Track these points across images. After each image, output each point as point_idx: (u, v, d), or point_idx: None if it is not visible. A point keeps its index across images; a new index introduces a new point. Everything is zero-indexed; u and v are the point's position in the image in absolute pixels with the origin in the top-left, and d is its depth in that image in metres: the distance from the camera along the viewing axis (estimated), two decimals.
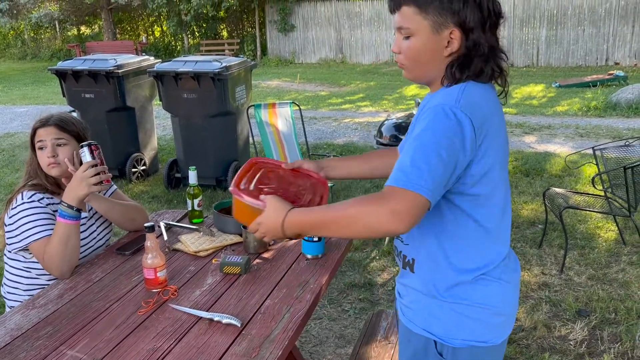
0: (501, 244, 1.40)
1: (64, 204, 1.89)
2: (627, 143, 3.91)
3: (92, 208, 2.14)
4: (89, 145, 1.93)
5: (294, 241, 2.14)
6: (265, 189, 1.54)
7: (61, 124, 2.02)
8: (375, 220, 1.17)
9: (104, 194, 2.20)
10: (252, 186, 1.52)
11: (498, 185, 1.34)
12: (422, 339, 1.41)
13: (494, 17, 1.28)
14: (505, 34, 15.33)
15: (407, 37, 1.31)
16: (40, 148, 2.01)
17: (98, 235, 2.14)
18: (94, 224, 2.14)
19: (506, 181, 1.39)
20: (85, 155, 1.92)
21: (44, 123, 2.02)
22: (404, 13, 1.30)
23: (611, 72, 11.75)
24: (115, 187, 2.28)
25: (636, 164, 3.40)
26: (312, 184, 1.66)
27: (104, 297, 1.77)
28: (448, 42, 1.28)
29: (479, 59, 1.28)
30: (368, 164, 1.71)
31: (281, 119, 5.01)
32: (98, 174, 1.90)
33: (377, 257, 3.88)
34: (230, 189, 1.47)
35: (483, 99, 1.28)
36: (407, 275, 1.46)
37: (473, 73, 1.29)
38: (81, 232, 2.05)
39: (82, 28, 22.84)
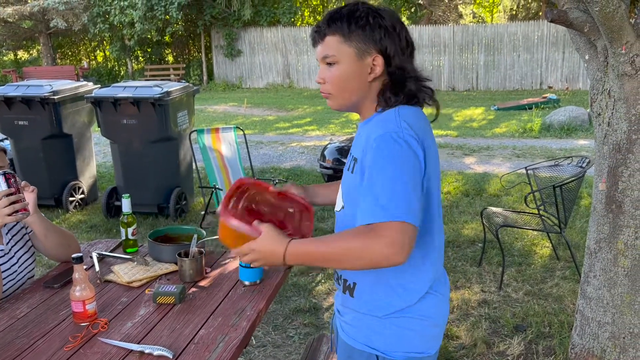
0: (439, 262, 1.47)
1: None
2: (556, 163, 4.11)
3: (9, 241, 2.03)
4: (4, 174, 1.85)
5: (233, 268, 2.12)
6: (255, 209, 1.51)
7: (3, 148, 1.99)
8: (378, 255, 1.21)
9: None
10: (239, 208, 1.50)
11: (436, 203, 1.40)
12: (364, 354, 1.43)
13: (410, 46, 1.36)
14: (446, 59, 15.93)
15: (331, 65, 1.36)
16: None
17: (19, 267, 2.04)
18: (13, 256, 2.03)
19: (440, 199, 1.44)
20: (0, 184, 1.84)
21: None
22: (329, 43, 1.35)
23: (545, 95, 12.38)
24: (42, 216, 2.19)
25: (565, 182, 3.58)
26: (298, 208, 1.66)
27: (28, 333, 1.69)
28: (371, 68, 1.34)
29: (409, 82, 1.35)
30: None
31: (225, 143, 4.98)
32: (13, 203, 1.82)
33: (323, 281, 3.88)
34: (218, 210, 1.45)
35: (417, 120, 1.35)
36: (347, 299, 1.48)
37: (406, 96, 1.35)
38: (1, 271, 1.94)
39: (20, 53, 22.12)
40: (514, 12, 21.28)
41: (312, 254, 1.31)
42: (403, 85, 1.35)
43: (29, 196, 1.97)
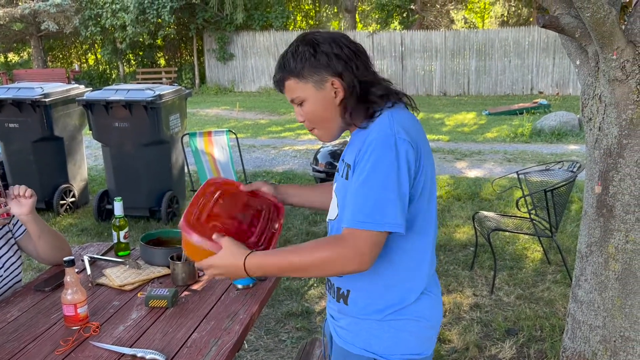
0: (433, 261, 1.48)
1: None
2: (547, 167, 4.14)
3: None
4: None
5: None
6: (219, 225, 1.51)
7: None
8: (342, 264, 1.29)
9: (17, 228, 2.08)
10: (203, 216, 1.49)
11: (433, 205, 1.41)
12: (363, 358, 1.44)
13: (356, 57, 1.37)
14: (438, 64, 16.01)
15: (302, 105, 1.41)
16: None
17: (5, 272, 2.00)
18: None
19: (435, 200, 1.45)
20: None
21: None
22: (289, 87, 1.40)
23: (536, 100, 12.47)
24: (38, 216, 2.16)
25: (556, 186, 3.60)
26: (268, 207, 1.66)
27: (18, 337, 1.67)
28: (335, 92, 1.38)
29: (373, 89, 1.37)
30: (323, 195, 1.73)
31: (217, 147, 4.97)
32: None
33: (315, 285, 3.87)
34: (180, 224, 1.44)
35: (410, 121, 1.37)
36: (341, 306, 1.48)
37: (375, 99, 1.37)
38: None
39: (10, 55, 21.98)
40: (505, 18, 21.44)
41: (273, 265, 1.35)
42: (366, 95, 1.37)
43: (27, 201, 1.96)
